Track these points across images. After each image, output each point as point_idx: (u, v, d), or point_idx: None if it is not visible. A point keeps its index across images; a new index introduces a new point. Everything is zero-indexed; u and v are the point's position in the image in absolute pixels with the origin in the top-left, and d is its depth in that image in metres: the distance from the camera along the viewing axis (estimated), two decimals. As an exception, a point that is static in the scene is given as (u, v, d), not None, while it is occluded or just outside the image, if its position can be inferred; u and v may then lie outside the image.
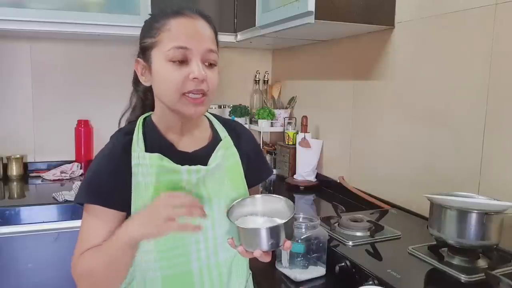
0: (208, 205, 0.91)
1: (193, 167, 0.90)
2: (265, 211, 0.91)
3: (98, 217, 0.88)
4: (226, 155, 0.97)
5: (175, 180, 0.89)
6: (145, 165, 0.88)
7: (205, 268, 0.92)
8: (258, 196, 0.94)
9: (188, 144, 0.95)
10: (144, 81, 0.92)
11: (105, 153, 0.91)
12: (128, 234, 0.82)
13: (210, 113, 1.07)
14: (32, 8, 1.86)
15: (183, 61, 0.85)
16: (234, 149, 0.99)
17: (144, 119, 0.96)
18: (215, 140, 0.99)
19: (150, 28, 0.89)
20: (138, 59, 0.92)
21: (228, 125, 1.04)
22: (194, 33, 0.86)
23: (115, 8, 1.98)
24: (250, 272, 1.07)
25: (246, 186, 1.00)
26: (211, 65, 0.88)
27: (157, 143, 0.92)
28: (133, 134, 0.92)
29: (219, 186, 0.94)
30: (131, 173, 0.88)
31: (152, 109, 0.97)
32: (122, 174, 0.88)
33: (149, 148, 0.90)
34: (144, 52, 0.90)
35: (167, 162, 0.89)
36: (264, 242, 0.81)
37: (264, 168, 1.11)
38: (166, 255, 0.88)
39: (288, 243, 0.83)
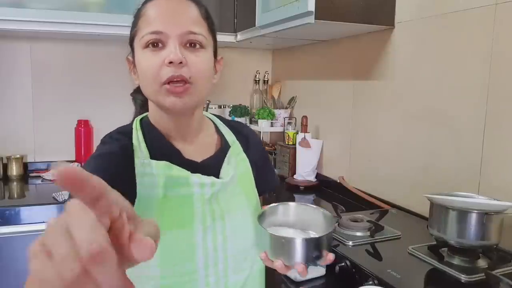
0: (221, 223, 0.81)
1: (207, 179, 0.79)
2: (298, 222, 0.81)
3: None
4: (237, 161, 0.89)
5: (185, 195, 0.78)
6: (151, 175, 0.76)
7: None
8: (292, 204, 0.84)
9: (194, 152, 0.84)
10: (135, 79, 0.84)
11: (101, 157, 0.76)
12: None
13: (213, 114, 0.98)
14: (32, 8, 1.86)
15: (159, 47, 0.75)
16: (244, 155, 0.91)
17: (141, 120, 0.85)
18: (224, 147, 0.89)
19: (133, 20, 0.81)
20: (128, 56, 0.85)
21: (234, 127, 0.96)
22: (170, 15, 0.76)
23: (115, 8, 1.98)
24: None
25: (258, 195, 0.92)
26: (195, 47, 0.77)
27: (160, 149, 0.80)
28: (129, 137, 0.80)
29: (231, 198, 0.84)
30: (134, 183, 0.75)
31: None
32: (122, 182, 0.66)
33: (152, 155, 0.78)
34: (131, 46, 0.82)
35: (177, 171, 0.77)
36: (306, 255, 0.70)
37: (270, 177, 1.02)
38: (171, 282, 0.76)
39: (331, 255, 0.72)
